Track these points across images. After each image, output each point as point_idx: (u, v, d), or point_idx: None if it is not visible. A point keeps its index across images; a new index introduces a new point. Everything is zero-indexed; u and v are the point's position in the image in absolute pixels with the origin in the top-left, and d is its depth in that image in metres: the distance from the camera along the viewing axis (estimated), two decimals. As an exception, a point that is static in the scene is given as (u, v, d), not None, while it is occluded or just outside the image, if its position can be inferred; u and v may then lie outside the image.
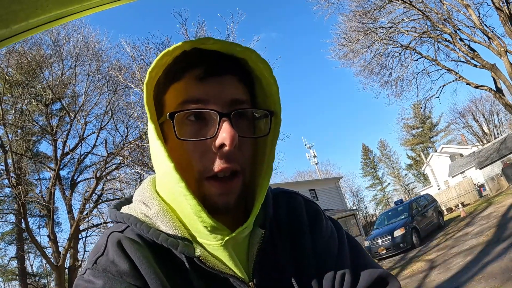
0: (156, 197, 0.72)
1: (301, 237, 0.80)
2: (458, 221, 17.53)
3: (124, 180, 18.03)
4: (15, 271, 22.17)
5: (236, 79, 0.70)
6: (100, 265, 0.65)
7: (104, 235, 0.70)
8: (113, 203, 0.80)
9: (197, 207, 0.63)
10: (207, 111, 0.66)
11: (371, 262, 0.80)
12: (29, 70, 16.35)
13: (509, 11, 15.38)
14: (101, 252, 0.66)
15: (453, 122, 52.49)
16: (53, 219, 16.17)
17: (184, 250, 0.65)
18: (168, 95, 0.70)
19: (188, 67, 0.68)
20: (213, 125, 0.66)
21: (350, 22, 18.82)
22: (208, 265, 0.67)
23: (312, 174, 53.90)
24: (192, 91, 0.67)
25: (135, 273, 0.64)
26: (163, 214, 0.69)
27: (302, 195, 0.89)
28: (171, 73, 0.69)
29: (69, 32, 17.85)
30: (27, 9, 0.64)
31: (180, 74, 0.68)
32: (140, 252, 0.65)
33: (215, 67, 0.68)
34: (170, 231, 0.67)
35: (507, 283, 5.87)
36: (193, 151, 0.66)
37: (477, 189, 27.31)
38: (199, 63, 0.68)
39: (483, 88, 16.97)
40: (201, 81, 0.67)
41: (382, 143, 67.05)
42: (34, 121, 17.71)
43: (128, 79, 14.88)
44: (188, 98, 0.67)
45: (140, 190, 0.76)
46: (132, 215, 0.70)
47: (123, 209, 0.75)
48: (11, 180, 14.85)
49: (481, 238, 10.35)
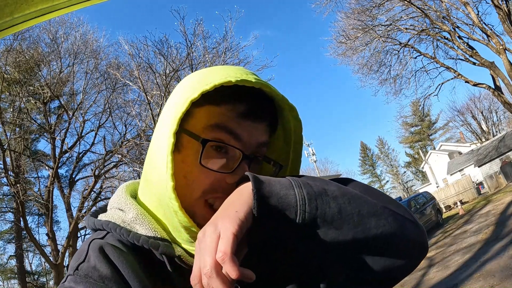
0: (132, 202, 0.73)
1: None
2: (457, 219, 17.56)
3: (123, 178, 18.01)
4: (14, 269, 22.22)
5: (268, 125, 0.73)
6: (81, 271, 0.64)
7: (85, 243, 0.70)
8: (89, 212, 0.81)
9: (188, 224, 0.64)
10: (235, 148, 0.68)
11: None
12: (27, 68, 16.32)
13: (508, 9, 15.38)
14: (83, 258, 0.66)
15: (452, 120, 52.59)
16: (51, 218, 16.17)
17: (165, 250, 0.66)
18: (201, 111, 0.69)
19: (229, 97, 0.68)
20: (234, 161, 0.68)
21: (349, 19, 18.80)
22: (189, 264, 0.67)
23: (310, 172, 53.94)
24: (229, 122, 0.67)
25: (118, 277, 0.63)
26: (141, 218, 0.69)
27: None
28: (208, 95, 0.67)
29: (67, 30, 17.86)
30: (12, 5, 0.62)
31: (219, 101, 0.68)
32: (123, 257, 0.65)
33: (257, 107, 0.69)
34: (150, 234, 0.67)
35: (505, 281, 5.88)
36: (205, 177, 0.67)
37: (475, 187, 27.32)
38: (241, 97, 0.68)
39: (482, 86, 16.96)
40: (242, 117, 0.68)
41: (381, 141, 67.20)
42: (32, 119, 17.70)
43: (126, 77, 14.81)
44: (223, 125, 0.67)
45: (115, 197, 0.77)
46: (111, 221, 0.70)
47: (100, 216, 0.75)
48: (9, 179, 14.83)
49: (479, 236, 10.36)
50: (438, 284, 7.56)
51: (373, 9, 17.92)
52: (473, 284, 6.46)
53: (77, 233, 17.35)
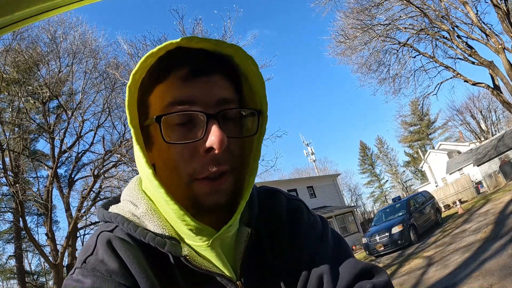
0: (143, 196, 0.71)
1: (282, 234, 0.80)
2: (456, 218, 17.58)
3: (122, 178, 17.99)
4: (13, 269, 22.22)
5: (223, 78, 0.69)
6: (89, 264, 0.64)
7: (94, 235, 0.69)
8: (101, 202, 0.80)
9: (180, 212, 0.63)
10: (194, 113, 0.64)
11: (354, 257, 0.79)
12: (26, 68, 16.28)
13: (507, 8, 15.39)
14: (91, 251, 0.66)
15: (451, 119, 52.70)
16: (51, 218, 16.16)
17: (171, 249, 0.65)
18: (153, 96, 0.68)
19: (172, 67, 0.66)
20: (201, 127, 0.64)
21: (348, 19, 18.81)
22: (195, 264, 0.66)
23: (310, 171, 54.05)
24: (177, 92, 0.65)
25: (125, 272, 0.63)
26: (150, 213, 0.68)
27: (284, 193, 0.88)
28: (155, 74, 0.67)
29: (66, 29, 17.81)
30: (13, 2, 0.62)
31: (165, 75, 0.66)
32: (130, 251, 0.65)
33: (200, 66, 0.66)
34: (158, 231, 0.67)
35: (504, 279, 5.89)
36: (181, 154, 0.65)
37: (474, 186, 27.36)
38: (184, 63, 0.66)
39: (481, 85, 16.98)
40: (186, 81, 0.65)
41: (380, 140, 67.22)
42: (31, 119, 17.67)
43: (126, 77, 14.81)
44: (173, 100, 0.65)
45: (128, 189, 0.76)
46: (120, 215, 0.69)
47: (111, 208, 0.74)
48: (8, 179, 14.83)
49: (478, 235, 10.37)
50: (437, 283, 7.56)
51: (372, 9, 17.92)
52: (472, 283, 6.46)
53: (76, 233, 17.35)
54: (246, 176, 0.73)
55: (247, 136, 0.72)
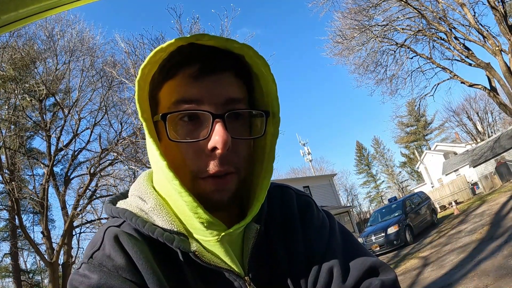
0: (152, 191, 0.71)
1: (293, 230, 0.80)
2: (452, 218, 17.64)
3: (118, 176, 18.00)
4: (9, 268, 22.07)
5: (232, 76, 0.69)
6: (96, 260, 0.64)
7: (101, 230, 0.69)
8: (109, 198, 0.79)
9: (193, 204, 0.62)
10: (200, 112, 0.65)
11: (364, 251, 0.79)
12: (22, 65, 16.22)
13: (505, 10, 15.43)
14: (98, 246, 0.66)
15: (447, 120, 52.86)
16: (46, 216, 16.12)
17: (180, 245, 0.65)
18: (163, 92, 0.68)
19: (182, 64, 0.66)
20: (207, 126, 0.65)
21: (346, 19, 18.82)
22: (203, 260, 0.67)
23: (306, 171, 54.12)
24: (185, 91, 0.65)
25: (132, 268, 0.63)
26: (159, 208, 0.68)
27: (293, 189, 0.88)
28: (165, 70, 0.67)
29: (63, 27, 17.76)
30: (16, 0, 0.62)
31: (175, 71, 0.66)
32: (137, 247, 0.65)
33: (210, 64, 0.66)
34: (166, 226, 0.67)
35: (500, 280, 5.92)
36: (186, 152, 0.65)
37: (470, 187, 27.49)
38: (194, 60, 0.66)
39: (478, 86, 17.03)
40: (196, 79, 0.65)
41: (376, 141, 67.35)
42: (27, 116, 17.61)
43: (122, 75, 14.78)
44: (181, 98, 0.65)
45: (136, 184, 0.76)
46: (128, 210, 0.69)
47: (119, 203, 0.74)
48: (4, 176, 14.78)
49: (474, 236, 10.42)
50: (433, 284, 7.59)
51: (369, 9, 17.94)
52: (468, 284, 6.49)
53: (72, 231, 17.29)
54: (259, 177, 0.72)
55: (253, 138, 0.72)
